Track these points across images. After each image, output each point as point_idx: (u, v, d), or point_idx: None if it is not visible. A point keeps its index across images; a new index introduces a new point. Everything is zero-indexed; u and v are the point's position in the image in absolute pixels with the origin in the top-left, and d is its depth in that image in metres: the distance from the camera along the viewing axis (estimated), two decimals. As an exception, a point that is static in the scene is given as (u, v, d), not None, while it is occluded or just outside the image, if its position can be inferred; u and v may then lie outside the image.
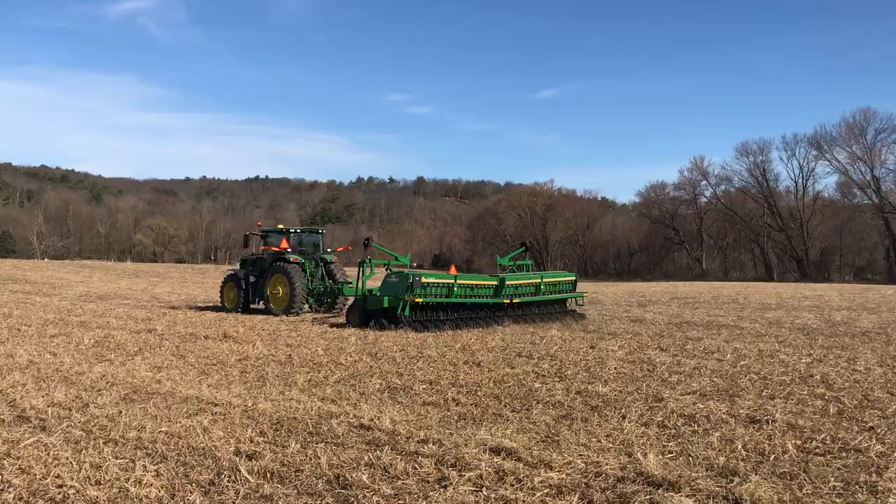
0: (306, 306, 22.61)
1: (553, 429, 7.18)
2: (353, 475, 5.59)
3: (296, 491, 5.34)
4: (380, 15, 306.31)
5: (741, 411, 7.93)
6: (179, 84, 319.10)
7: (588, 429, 7.17)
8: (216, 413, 7.83)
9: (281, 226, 24.84)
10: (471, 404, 8.42)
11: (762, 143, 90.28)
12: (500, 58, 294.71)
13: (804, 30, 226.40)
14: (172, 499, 5.21)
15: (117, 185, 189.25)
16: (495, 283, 18.24)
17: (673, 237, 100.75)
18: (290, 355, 12.44)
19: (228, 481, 5.51)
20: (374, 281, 19.44)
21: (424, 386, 9.56)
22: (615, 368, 11.04)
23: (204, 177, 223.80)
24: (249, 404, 8.23)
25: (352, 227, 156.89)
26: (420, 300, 16.47)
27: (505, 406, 8.36)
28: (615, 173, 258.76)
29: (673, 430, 7.14)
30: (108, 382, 9.64)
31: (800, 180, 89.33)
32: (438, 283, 17.12)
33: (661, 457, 6.07)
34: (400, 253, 22.67)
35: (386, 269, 18.41)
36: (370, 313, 17.26)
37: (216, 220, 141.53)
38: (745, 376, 10.28)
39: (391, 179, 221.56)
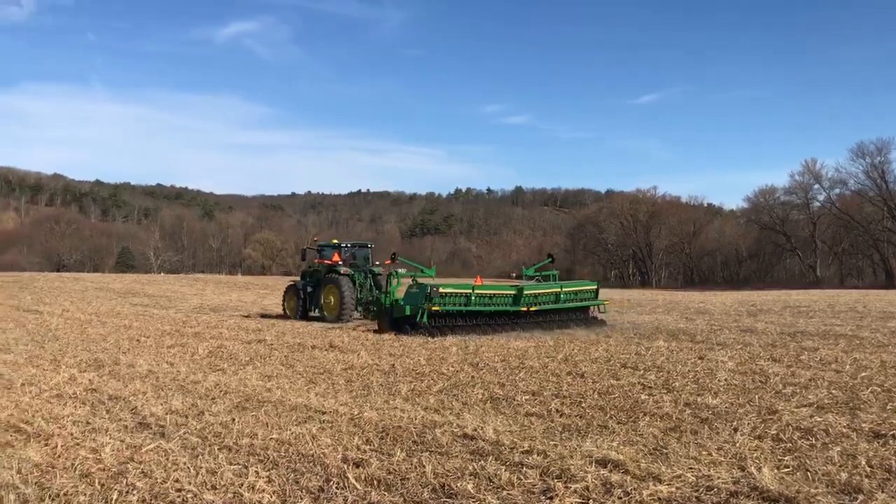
0: (356, 314, 24.17)
1: (661, 441, 7.00)
2: (458, 484, 5.62)
3: (402, 499, 5.41)
4: (474, 28, 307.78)
5: (863, 425, 7.52)
6: (282, 102, 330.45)
7: (698, 441, 6.96)
8: (324, 421, 8.03)
9: (335, 241, 27.02)
10: (575, 415, 8.33)
11: (880, 144, 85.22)
12: (597, 65, 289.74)
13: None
14: (284, 504, 5.36)
15: (227, 202, 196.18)
16: (513, 292, 19.27)
17: (784, 244, 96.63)
18: (393, 365, 12.61)
19: (337, 488, 5.64)
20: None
21: (527, 397, 9.51)
22: (725, 380, 10.67)
23: (309, 192, 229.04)
24: (355, 412, 8.40)
25: (450, 238, 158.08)
26: (437, 308, 17.83)
27: (610, 418, 8.21)
28: (721, 178, 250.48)
29: (789, 444, 6.84)
30: (221, 391, 10.04)
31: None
32: (457, 293, 18.45)
33: (776, 471, 5.82)
34: (499, 261, 23.26)
35: (411, 280, 19.64)
36: (396, 320, 18.66)
37: (321, 234, 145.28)
38: (867, 388, 9.74)
39: (489, 190, 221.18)
